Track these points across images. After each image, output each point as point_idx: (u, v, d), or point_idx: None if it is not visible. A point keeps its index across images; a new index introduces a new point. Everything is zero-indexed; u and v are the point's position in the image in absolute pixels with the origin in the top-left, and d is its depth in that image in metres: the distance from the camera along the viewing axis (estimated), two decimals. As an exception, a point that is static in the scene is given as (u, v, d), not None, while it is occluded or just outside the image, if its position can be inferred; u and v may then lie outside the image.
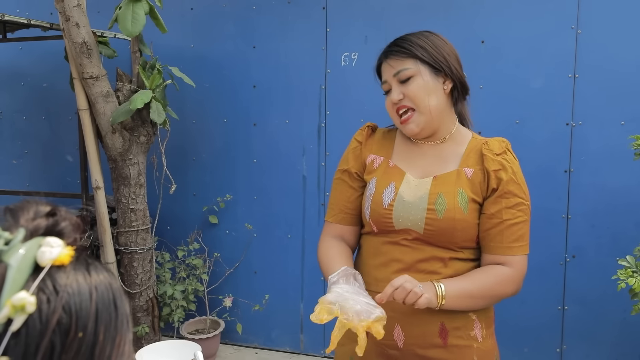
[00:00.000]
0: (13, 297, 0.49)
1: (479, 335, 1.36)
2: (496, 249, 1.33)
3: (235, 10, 3.17)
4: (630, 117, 2.62)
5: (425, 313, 1.30)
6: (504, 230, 1.32)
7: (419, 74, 1.34)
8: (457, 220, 1.30)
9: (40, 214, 0.57)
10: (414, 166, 1.39)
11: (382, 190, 1.37)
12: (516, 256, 1.34)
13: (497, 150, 1.36)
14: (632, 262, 1.93)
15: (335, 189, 1.49)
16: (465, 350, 1.34)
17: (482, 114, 2.81)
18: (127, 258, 2.96)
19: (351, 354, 1.41)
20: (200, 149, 3.32)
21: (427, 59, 1.34)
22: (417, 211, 1.32)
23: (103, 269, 0.58)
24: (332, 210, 1.48)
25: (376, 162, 1.43)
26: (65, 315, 0.52)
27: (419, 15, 2.85)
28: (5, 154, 3.71)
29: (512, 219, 1.33)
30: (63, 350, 0.51)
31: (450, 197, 1.31)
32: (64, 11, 2.57)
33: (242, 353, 3.29)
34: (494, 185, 1.32)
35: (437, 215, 1.30)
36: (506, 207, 1.32)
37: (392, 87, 1.37)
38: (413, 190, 1.35)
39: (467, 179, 1.34)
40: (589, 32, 2.64)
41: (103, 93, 2.72)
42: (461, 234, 1.32)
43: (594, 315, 2.75)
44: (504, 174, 1.33)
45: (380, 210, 1.35)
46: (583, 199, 2.72)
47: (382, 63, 1.40)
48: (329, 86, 3.04)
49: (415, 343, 1.33)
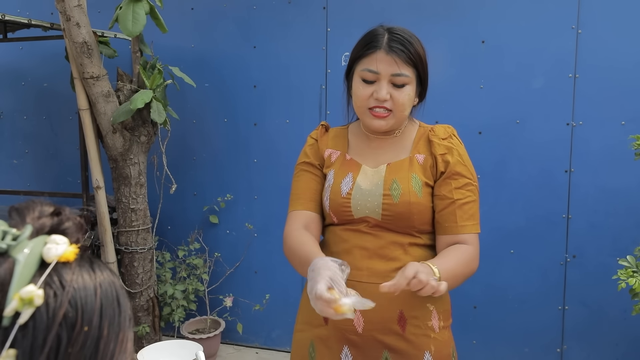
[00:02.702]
0: (21, 290, 0.51)
1: (436, 326, 1.39)
2: (451, 229, 1.38)
3: (235, 10, 3.18)
4: (631, 117, 2.62)
5: (384, 300, 1.31)
6: (456, 209, 1.37)
7: (412, 83, 1.36)
8: (412, 204, 1.35)
9: (45, 213, 0.59)
10: (370, 158, 1.44)
11: (340, 180, 1.42)
12: (471, 234, 1.39)
13: (442, 135, 1.41)
14: (632, 262, 1.94)
15: (299, 180, 1.51)
16: (422, 339, 1.37)
17: (482, 113, 2.82)
18: (127, 258, 2.97)
19: (312, 339, 1.44)
20: (201, 148, 3.32)
21: (422, 74, 1.37)
22: (374, 197, 1.37)
23: (106, 267, 0.60)
24: (299, 200, 1.48)
25: (333, 156, 1.47)
26: (72, 310, 0.53)
27: (419, 15, 2.85)
28: (6, 153, 3.71)
29: (463, 199, 1.38)
30: (69, 344, 0.52)
31: (405, 182, 1.36)
32: (65, 11, 2.57)
33: (242, 353, 3.29)
34: (442, 168, 1.38)
35: (393, 200, 1.35)
36: (455, 187, 1.37)
37: (380, 82, 1.33)
38: (369, 179, 1.40)
39: (419, 164, 1.40)
40: (590, 32, 2.64)
41: (104, 93, 2.72)
42: (418, 217, 1.36)
43: (594, 315, 2.75)
44: (449, 157, 1.38)
45: (339, 200, 1.39)
46: (583, 199, 2.72)
47: (375, 52, 1.33)
48: (330, 86, 3.04)
49: (374, 328, 1.36)
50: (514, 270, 2.83)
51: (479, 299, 2.89)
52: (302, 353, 1.46)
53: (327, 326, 1.41)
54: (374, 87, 1.34)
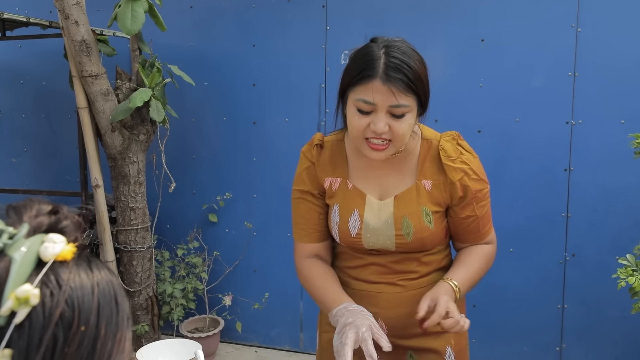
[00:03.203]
0: (17, 289, 0.50)
1: None
2: (475, 239, 1.41)
3: (234, 9, 3.17)
4: (630, 116, 2.62)
5: (406, 307, 1.36)
6: (479, 222, 1.38)
7: (413, 111, 1.23)
8: (425, 237, 1.35)
9: (42, 211, 0.58)
10: (373, 185, 1.37)
11: (346, 219, 1.36)
12: (490, 235, 1.43)
13: (453, 154, 1.33)
14: (632, 260, 1.93)
15: (299, 208, 1.44)
16: (444, 335, 1.41)
17: (481, 112, 2.82)
18: (126, 256, 2.96)
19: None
20: (200, 147, 3.32)
21: (423, 100, 1.24)
22: (385, 237, 1.35)
23: (104, 266, 0.60)
24: (303, 231, 1.44)
25: (334, 184, 1.39)
26: (68, 309, 0.52)
27: (418, 13, 2.85)
28: (5, 152, 3.70)
29: (484, 210, 1.38)
30: (66, 344, 0.52)
31: (415, 219, 1.33)
32: (63, 9, 2.56)
33: (241, 351, 3.29)
34: (460, 193, 1.33)
35: (406, 239, 1.34)
36: (477, 205, 1.36)
37: (377, 114, 1.20)
38: (376, 214, 1.35)
39: (427, 192, 1.34)
40: (589, 30, 2.64)
41: (102, 91, 2.72)
42: (430, 244, 1.37)
43: (593, 314, 2.75)
44: (467, 179, 1.33)
45: (349, 239, 1.38)
46: (583, 197, 2.72)
47: (371, 81, 1.19)
48: (329, 85, 3.03)
49: (397, 335, 1.38)
50: (514, 269, 2.83)
51: (478, 298, 2.89)
52: (328, 354, 1.46)
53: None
54: (371, 117, 1.21)
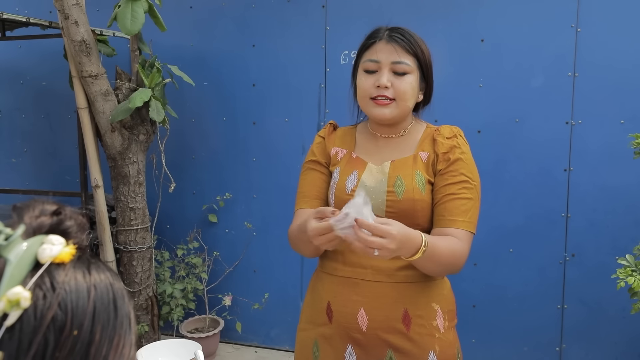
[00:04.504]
0: (8, 291, 0.49)
1: (441, 326, 1.39)
2: (440, 222, 1.35)
3: (234, 9, 3.17)
4: (630, 116, 2.62)
5: (389, 298, 1.34)
6: (447, 203, 1.35)
7: (414, 73, 1.38)
8: (416, 201, 1.35)
9: (45, 212, 0.57)
10: (375, 156, 1.45)
11: (345, 178, 1.42)
12: (461, 230, 1.33)
13: (447, 134, 1.41)
14: (631, 261, 1.93)
15: (305, 178, 1.51)
16: (427, 339, 1.36)
17: (481, 112, 2.82)
18: (126, 257, 2.96)
19: (316, 338, 1.44)
20: (200, 147, 3.32)
21: (423, 63, 1.39)
22: (378, 194, 1.37)
23: (105, 269, 0.58)
24: (304, 198, 1.48)
25: (340, 154, 1.48)
26: (61, 312, 0.52)
27: (418, 13, 2.85)
28: (5, 152, 3.70)
29: (457, 194, 1.35)
30: (57, 347, 0.51)
31: (408, 179, 1.37)
32: (63, 9, 2.56)
33: (241, 352, 3.29)
34: (442, 166, 1.38)
35: (396, 196, 1.35)
36: (451, 182, 1.36)
37: (382, 70, 1.37)
38: (374, 176, 1.40)
39: (422, 161, 1.40)
40: (589, 30, 2.64)
41: (102, 91, 2.72)
42: (421, 214, 1.36)
43: (593, 314, 2.75)
44: (451, 155, 1.38)
45: (343, 197, 1.39)
46: (582, 197, 2.72)
47: (376, 42, 1.39)
48: (329, 85, 3.03)
49: (378, 327, 1.36)
50: (513, 269, 2.83)
51: (478, 298, 2.89)
52: (306, 352, 1.46)
53: (331, 325, 1.41)
54: (376, 76, 1.37)
